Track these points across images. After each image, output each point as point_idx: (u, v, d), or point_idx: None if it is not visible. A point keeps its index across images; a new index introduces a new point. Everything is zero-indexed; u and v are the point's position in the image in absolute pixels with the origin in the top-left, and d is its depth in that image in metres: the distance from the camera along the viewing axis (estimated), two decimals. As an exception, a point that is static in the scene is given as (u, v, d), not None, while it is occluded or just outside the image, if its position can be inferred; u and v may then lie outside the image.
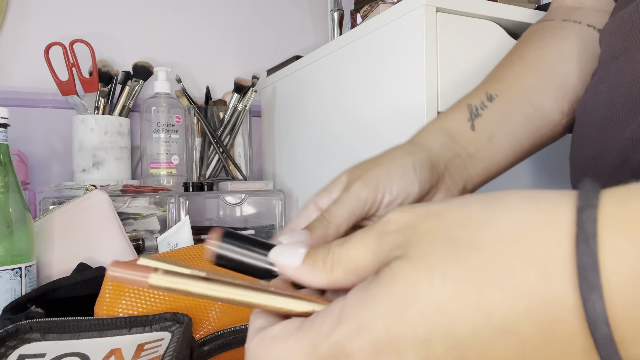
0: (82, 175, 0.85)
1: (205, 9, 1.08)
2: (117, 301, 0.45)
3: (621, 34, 0.38)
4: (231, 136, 0.95)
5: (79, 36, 0.93)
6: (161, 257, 0.52)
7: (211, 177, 0.95)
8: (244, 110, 0.96)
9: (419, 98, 0.60)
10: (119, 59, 0.99)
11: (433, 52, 0.60)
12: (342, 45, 0.77)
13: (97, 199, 0.65)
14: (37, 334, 0.39)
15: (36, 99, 0.93)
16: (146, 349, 0.37)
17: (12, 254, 0.52)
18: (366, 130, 0.71)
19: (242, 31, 1.12)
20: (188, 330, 0.38)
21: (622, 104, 0.36)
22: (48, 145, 0.94)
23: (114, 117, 0.87)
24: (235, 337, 0.46)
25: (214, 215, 1.01)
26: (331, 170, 0.81)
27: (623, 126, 0.35)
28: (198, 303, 0.47)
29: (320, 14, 1.19)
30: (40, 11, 0.94)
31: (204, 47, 1.08)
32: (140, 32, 1.02)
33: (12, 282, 0.51)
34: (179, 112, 0.93)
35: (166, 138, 0.90)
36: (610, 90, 0.38)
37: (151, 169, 0.90)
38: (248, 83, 0.94)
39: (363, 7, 0.89)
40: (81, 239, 0.62)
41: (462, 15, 0.62)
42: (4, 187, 0.52)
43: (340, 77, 0.78)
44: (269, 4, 1.14)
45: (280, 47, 1.15)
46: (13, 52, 0.92)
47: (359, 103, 0.73)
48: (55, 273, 0.59)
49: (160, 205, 0.81)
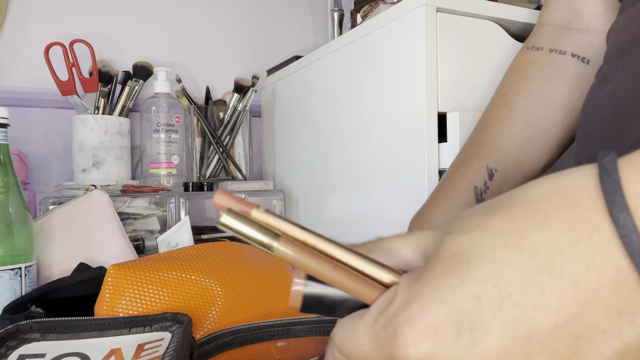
0: (82, 175, 0.85)
1: (205, 9, 1.08)
2: (117, 301, 0.45)
3: (629, 31, 0.39)
4: (231, 136, 0.95)
5: (79, 36, 0.93)
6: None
7: (211, 177, 0.95)
8: (244, 110, 0.96)
9: (419, 98, 0.60)
10: (119, 59, 0.99)
11: (433, 52, 0.60)
12: (342, 45, 0.77)
13: (97, 199, 0.65)
14: (37, 334, 0.39)
15: (36, 99, 0.93)
16: (146, 349, 0.37)
17: (12, 254, 0.52)
18: (366, 130, 0.71)
19: (242, 31, 1.12)
20: (188, 330, 0.39)
21: (631, 100, 0.36)
22: (48, 145, 0.94)
23: (114, 117, 0.87)
24: (235, 337, 0.46)
25: (214, 215, 1.01)
26: (331, 170, 0.81)
27: (635, 122, 0.35)
28: (198, 303, 0.47)
29: (320, 14, 1.19)
30: (40, 11, 0.94)
31: (204, 47, 1.08)
32: (140, 32, 1.02)
33: (12, 282, 0.51)
34: (179, 112, 0.93)
35: (166, 138, 0.90)
36: (618, 87, 0.38)
37: (151, 169, 0.90)
38: (248, 83, 0.94)
39: (363, 7, 0.89)
40: (81, 239, 0.62)
41: (462, 15, 0.62)
42: (4, 187, 0.52)
43: (340, 77, 0.78)
44: (269, 4, 1.14)
45: (280, 47, 1.15)
46: (13, 52, 0.92)
47: (359, 103, 0.73)
48: (55, 273, 0.59)
49: (160, 205, 0.81)
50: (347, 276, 0.22)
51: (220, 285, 0.49)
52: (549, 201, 0.19)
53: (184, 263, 0.50)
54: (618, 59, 0.40)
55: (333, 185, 0.81)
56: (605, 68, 0.41)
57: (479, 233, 0.19)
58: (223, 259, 0.53)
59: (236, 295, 0.49)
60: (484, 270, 0.18)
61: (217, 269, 0.50)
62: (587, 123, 0.41)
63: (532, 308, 0.18)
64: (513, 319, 0.18)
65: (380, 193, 0.68)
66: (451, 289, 0.18)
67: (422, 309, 0.19)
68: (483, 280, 0.18)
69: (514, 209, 0.19)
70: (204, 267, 0.50)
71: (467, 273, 0.19)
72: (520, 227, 0.19)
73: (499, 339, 0.18)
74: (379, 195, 0.68)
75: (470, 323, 0.18)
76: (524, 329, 0.18)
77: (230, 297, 0.49)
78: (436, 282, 0.19)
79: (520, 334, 0.18)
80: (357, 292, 0.22)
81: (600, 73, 0.43)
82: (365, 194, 0.72)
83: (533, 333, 0.18)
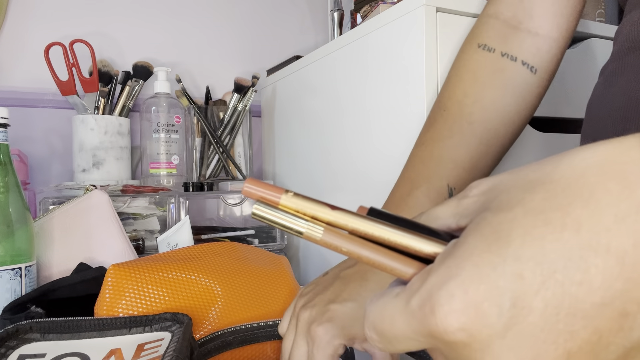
0: (82, 175, 0.85)
1: (205, 9, 1.08)
2: (117, 301, 0.45)
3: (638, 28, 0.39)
4: (231, 136, 0.95)
5: (79, 36, 0.93)
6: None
7: (211, 177, 0.95)
8: (244, 110, 0.96)
9: (419, 98, 0.60)
10: (119, 59, 0.99)
11: (433, 52, 0.60)
12: (342, 45, 0.77)
13: (97, 199, 0.65)
14: (37, 334, 0.39)
15: (36, 99, 0.93)
16: (146, 349, 0.37)
17: (12, 254, 0.52)
18: (366, 130, 0.71)
19: (242, 31, 1.12)
20: (188, 330, 0.39)
21: None
22: (48, 145, 0.94)
23: (114, 117, 0.87)
24: (235, 337, 0.46)
25: (214, 215, 1.01)
26: (331, 170, 0.81)
27: None
28: (198, 303, 0.47)
29: (320, 14, 1.19)
30: (40, 11, 0.94)
31: (204, 47, 1.08)
32: (140, 32, 1.02)
33: (12, 282, 0.51)
34: (179, 112, 0.93)
35: (166, 138, 0.90)
36: (630, 83, 0.38)
37: (151, 169, 0.90)
38: (248, 83, 0.94)
39: (363, 7, 0.89)
40: (81, 239, 0.62)
41: (462, 15, 0.62)
42: (4, 187, 0.52)
43: (340, 77, 0.78)
44: (269, 4, 1.14)
45: (280, 47, 1.15)
46: (13, 52, 0.92)
47: (359, 103, 0.73)
48: (55, 273, 0.59)
49: (160, 205, 0.81)
50: (379, 253, 0.22)
51: (220, 285, 0.49)
52: (592, 174, 0.18)
53: (184, 263, 0.50)
54: (626, 56, 0.40)
55: (333, 185, 0.81)
56: (612, 65, 0.42)
57: (520, 210, 0.19)
58: (223, 259, 0.53)
59: (236, 295, 0.49)
60: (526, 248, 0.18)
61: (217, 269, 0.50)
62: (597, 120, 0.41)
63: (576, 285, 0.17)
64: (556, 297, 0.17)
65: (380, 193, 0.68)
66: (492, 267, 0.18)
67: (462, 287, 0.18)
68: (525, 258, 0.18)
69: (556, 184, 0.19)
70: (204, 267, 0.50)
71: (508, 251, 0.18)
72: (563, 202, 0.18)
73: (542, 316, 0.17)
74: (379, 195, 0.68)
75: (512, 301, 0.18)
76: (568, 306, 0.17)
77: (230, 297, 0.49)
78: (476, 260, 0.18)
79: (563, 311, 0.17)
80: (391, 269, 0.22)
81: (605, 71, 0.43)
82: (366, 194, 0.72)
83: (577, 310, 0.17)
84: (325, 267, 0.85)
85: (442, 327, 0.18)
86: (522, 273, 0.18)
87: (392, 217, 0.23)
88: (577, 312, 0.17)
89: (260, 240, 0.87)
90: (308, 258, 0.91)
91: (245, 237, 0.87)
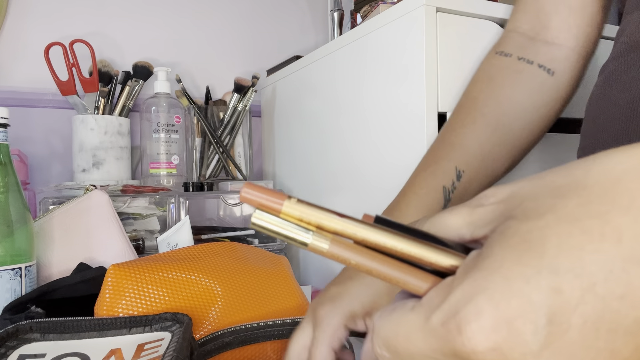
0: (82, 175, 0.85)
1: (205, 9, 1.08)
2: (117, 301, 0.45)
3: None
4: (231, 136, 0.95)
5: (79, 36, 0.93)
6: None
7: (211, 177, 0.95)
8: (244, 110, 0.96)
9: (419, 98, 0.60)
10: (119, 59, 0.99)
11: (433, 52, 0.60)
12: (342, 45, 0.77)
13: (97, 199, 0.65)
14: (37, 334, 0.39)
15: (36, 99, 0.93)
16: (146, 349, 0.37)
17: (12, 254, 0.52)
18: (366, 130, 0.71)
19: (242, 31, 1.12)
20: (188, 330, 0.39)
21: None
22: (48, 145, 0.94)
23: (114, 117, 0.87)
24: (235, 337, 0.46)
25: (214, 215, 1.01)
26: (331, 170, 0.81)
27: None
28: (198, 303, 0.47)
29: (320, 14, 1.19)
30: (40, 11, 0.94)
31: (204, 47, 1.08)
32: (140, 32, 1.02)
33: (12, 282, 0.51)
34: (179, 112, 0.93)
35: (166, 138, 0.90)
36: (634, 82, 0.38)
37: (151, 169, 0.90)
38: (248, 83, 0.94)
39: (363, 7, 0.89)
40: (81, 239, 0.62)
41: (462, 15, 0.62)
42: (4, 187, 0.52)
43: (340, 77, 0.78)
44: (269, 4, 1.14)
45: (280, 47, 1.15)
46: (13, 52, 0.92)
47: (359, 103, 0.73)
48: (55, 273, 0.59)
49: (160, 205, 0.81)
50: (390, 266, 0.20)
51: (220, 285, 0.49)
52: (630, 179, 0.17)
53: (184, 263, 0.50)
54: (629, 55, 0.40)
55: (333, 185, 0.81)
56: (613, 64, 0.42)
57: (552, 217, 0.17)
58: (223, 259, 0.53)
59: (236, 295, 0.49)
60: (563, 259, 0.16)
61: (217, 269, 0.50)
62: (598, 119, 0.41)
63: (618, 299, 0.16)
64: (596, 312, 0.16)
65: (380, 193, 0.68)
66: (525, 280, 0.17)
67: (491, 303, 0.17)
68: (563, 271, 0.16)
69: (591, 190, 0.17)
70: (204, 267, 0.50)
71: (542, 262, 0.17)
72: (601, 210, 0.17)
73: (581, 333, 0.16)
74: (379, 195, 0.68)
75: (549, 317, 0.16)
76: (609, 322, 0.16)
77: (230, 297, 0.49)
78: (506, 272, 0.17)
79: (604, 327, 0.16)
80: (404, 282, 0.20)
81: (606, 70, 0.43)
82: (366, 194, 0.72)
83: (619, 326, 0.16)
84: (325, 267, 0.85)
85: (469, 346, 0.17)
86: (560, 286, 0.16)
87: (400, 226, 0.21)
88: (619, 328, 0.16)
89: (260, 240, 0.87)
90: (308, 258, 0.92)
91: (245, 237, 0.87)
